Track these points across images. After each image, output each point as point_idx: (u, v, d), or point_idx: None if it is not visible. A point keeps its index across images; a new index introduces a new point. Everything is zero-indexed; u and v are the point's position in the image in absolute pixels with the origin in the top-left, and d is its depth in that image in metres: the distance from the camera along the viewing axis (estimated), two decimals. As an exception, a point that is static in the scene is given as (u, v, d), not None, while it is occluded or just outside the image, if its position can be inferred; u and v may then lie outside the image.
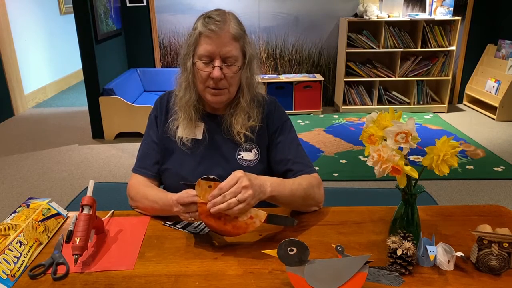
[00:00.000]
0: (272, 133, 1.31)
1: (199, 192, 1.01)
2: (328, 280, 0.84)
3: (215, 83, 1.19)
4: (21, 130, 4.32)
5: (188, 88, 1.24)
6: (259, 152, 1.30)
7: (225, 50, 1.17)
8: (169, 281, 0.93)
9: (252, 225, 1.01)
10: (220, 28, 1.16)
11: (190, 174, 1.26)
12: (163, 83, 4.48)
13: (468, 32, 4.77)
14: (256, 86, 1.29)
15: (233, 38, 1.18)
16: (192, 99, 1.25)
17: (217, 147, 1.29)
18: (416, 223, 1.02)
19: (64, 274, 0.95)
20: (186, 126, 1.27)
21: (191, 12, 4.54)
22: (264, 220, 1.02)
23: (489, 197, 2.86)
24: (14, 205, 2.78)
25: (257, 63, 1.28)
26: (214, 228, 1.02)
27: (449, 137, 0.91)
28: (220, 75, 1.17)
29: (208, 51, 1.17)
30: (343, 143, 3.84)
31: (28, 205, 1.13)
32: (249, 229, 1.01)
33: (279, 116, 1.33)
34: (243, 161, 1.28)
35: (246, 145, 1.29)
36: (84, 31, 3.65)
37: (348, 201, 1.69)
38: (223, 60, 1.18)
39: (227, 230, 1.01)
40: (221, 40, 1.16)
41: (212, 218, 1.00)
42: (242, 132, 1.26)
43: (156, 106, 1.35)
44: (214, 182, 1.00)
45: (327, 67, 4.85)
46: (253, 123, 1.27)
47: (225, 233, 1.03)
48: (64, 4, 6.16)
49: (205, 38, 1.17)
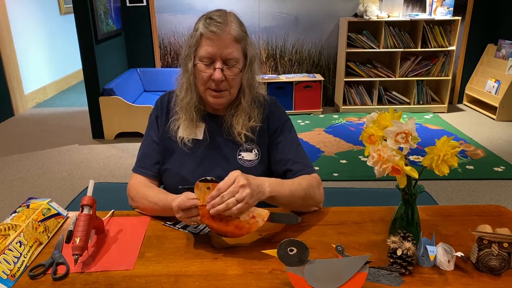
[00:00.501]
0: (272, 133, 1.31)
1: (199, 194, 1.01)
2: (328, 280, 0.84)
3: (216, 85, 1.19)
4: (21, 130, 4.32)
5: (189, 89, 1.24)
6: (260, 153, 1.30)
7: (227, 52, 1.16)
8: (169, 281, 0.93)
9: (255, 225, 1.01)
10: (221, 29, 1.15)
11: (190, 175, 1.26)
12: (163, 83, 4.48)
13: (468, 32, 4.77)
14: (257, 87, 1.29)
15: (234, 39, 1.17)
16: (193, 100, 1.25)
17: (218, 147, 1.29)
18: (416, 223, 1.02)
19: (64, 274, 0.95)
20: (187, 126, 1.27)
21: (191, 12, 4.54)
22: (267, 219, 1.02)
23: (489, 197, 2.86)
24: (14, 205, 2.78)
25: (258, 64, 1.28)
26: (216, 230, 1.01)
27: (449, 137, 0.91)
28: (221, 77, 1.17)
29: (209, 52, 1.16)
30: (343, 143, 3.84)
31: (28, 205, 1.13)
32: (252, 229, 1.01)
33: (279, 116, 1.33)
34: (244, 161, 1.28)
35: (246, 145, 1.29)
36: (84, 31, 3.65)
37: (348, 201, 1.69)
38: (224, 62, 1.18)
39: (230, 231, 1.00)
40: (222, 42, 1.16)
41: (214, 220, 1.00)
42: (243, 132, 1.26)
43: (157, 106, 1.35)
44: (213, 183, 1.00)
45: (327, 67, 4.86)
46: (254, 123, 1.27)
47: (228, 234, 1.02)
48: (64, 4, 6.16)
49: (206, 39, 1.16)
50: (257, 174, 1.25)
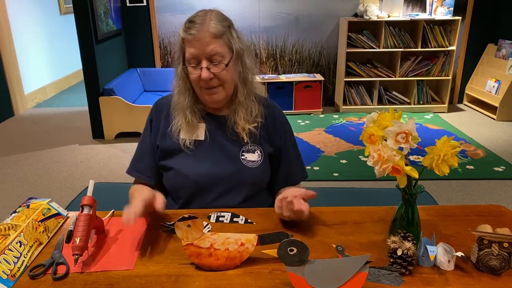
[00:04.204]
0: (277, 147, 1.34)
1: (181, 234, 0.97)
2: (328, 280, 0.84)
3: (205, 84, 1.21)
4: (21, 130, 4.32)
5: (182, 93, 1.27)
6: (262, 154, 1.31)
7: (209, 50, 1.18)
8: (169, 281, 0.93)
9: (246, 252, 0.98)
10: (199, 30, 1.18)
11: (193, 174, 1.27)
12: (163, 83, 4.47)
13: (468, 32, 4.77)
14: (253, 80, 1.29)
15: (213, 36, 1.18)
16: (188, 102, 1.27)
17: (221, 147, 1.30)
18: (416, 223, 1.02)
19: (64, 274, 0.95)
20: (186, 128, 1.27)
21: (191, 12, 4.46)
22: (257, 243, 0.99)
23: (489, 197, 2.86)
24: (14, 205, 2.78)
25: (251, 58, 1.28)
26: (207, 266, 0.97)
27: (449, 137, 0.91)
28: (208, 75, 1.19)
29: (192, 54, 1.19)
30: (343, 143, 3.84)
31: (28, 205, 1.13)
32: (244, 257, 0.98)
33: (283, 127, 1.35)
34: (247, 161, 1.28)
35: (249, 146, 1.29)
36: (84, 31, 3.65)
37: (348, 201, 1.69)
38: (209, 60, 1.19)
39: (222, 264, 0.97)
40: (201, 42, 1.18)
41: (203, 257, 0.97)
42: (247, 127, 1.27)
43: (152, 110, 1.37)
44: (192, 220, 0.97)
45: (327, 67, 4.85)
46: (256, 118, 1.28)
47: (222, 268, 0.97)
48: (64, 4, 6.16)
49: (188, 42, 1.20)
50: (260, 175, 1.27)
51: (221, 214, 1.20)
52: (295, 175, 1.39)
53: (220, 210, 1.23)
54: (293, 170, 1.38)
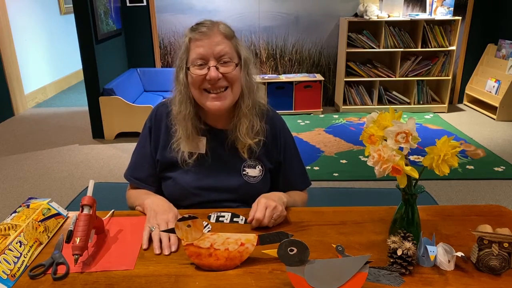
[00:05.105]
0: (277, 161, 1.33)
1: (181, 234, 0.97)
2: (328, 280, 0.84)
3: (212, 85, 1.15)
4: (21, 130, 4.32)
5: (183, 101, 1.20)
6: (263, 169, 1.29)
7: (219, 49, 1.14)
8: (169, 281, 0.93)
9: (246, 252, 0.98)
10: (210, 29, 1.15)
11: (193, 188, 1.26)
12: (163, 83, 4.47)
13: (468, 32, 4.76)
14: (256, 93, 1.25)
15: (224, 36, 1.16)
16: (190, 113, 1.21)
17: (222, 162, 1.27)
18: (416, 223, 1.02)
19: (64, 274, 0.95)
20: (187, 141, 1.23)
21: (191, 12, 4.54)
22: (257, 243, 0.99)
23: (489, 197, 2.86)
24: (14, 205, 2.78)
25: (255, 70, 1.24)
26: (208, 266, 0.97)
27: (449, 137, 0.91)
28: (217, 74, 1.14)
29: (201, 53, 1.14)
30: (343, 143, 3.84)
31: (28, 205, 1.13)
32: (244, 257, 0.98)
33: (283, 141, 1.33)
34: (248, 177, 1.27)
35: (250, 162, 1.28)
36: (84, 31, 3.65)
37: (348, 201, 1.69)
38: (217, 60, 1.15)
39: (222, 264, 0.97)
40: (212, 40, 1.14)
41: (203, 257, 0.97)
42: (248, 143, 1.23)
43: (152, 117, 1.32)
44: (192, 220, 0.97)
45: (327, 67, 4.85)
46: (257, 136, 1.25)
47: (222, 268, 0.97)
48: (64, 4, 6.16)
49: (196, 42, 1.15)
50: (262, 189, 1.26)
51: (221, 214, 1.20)
52: (297, 186, 1.38)
53: (220, 210, 1.23)
54: (294, 182, 1.38)
